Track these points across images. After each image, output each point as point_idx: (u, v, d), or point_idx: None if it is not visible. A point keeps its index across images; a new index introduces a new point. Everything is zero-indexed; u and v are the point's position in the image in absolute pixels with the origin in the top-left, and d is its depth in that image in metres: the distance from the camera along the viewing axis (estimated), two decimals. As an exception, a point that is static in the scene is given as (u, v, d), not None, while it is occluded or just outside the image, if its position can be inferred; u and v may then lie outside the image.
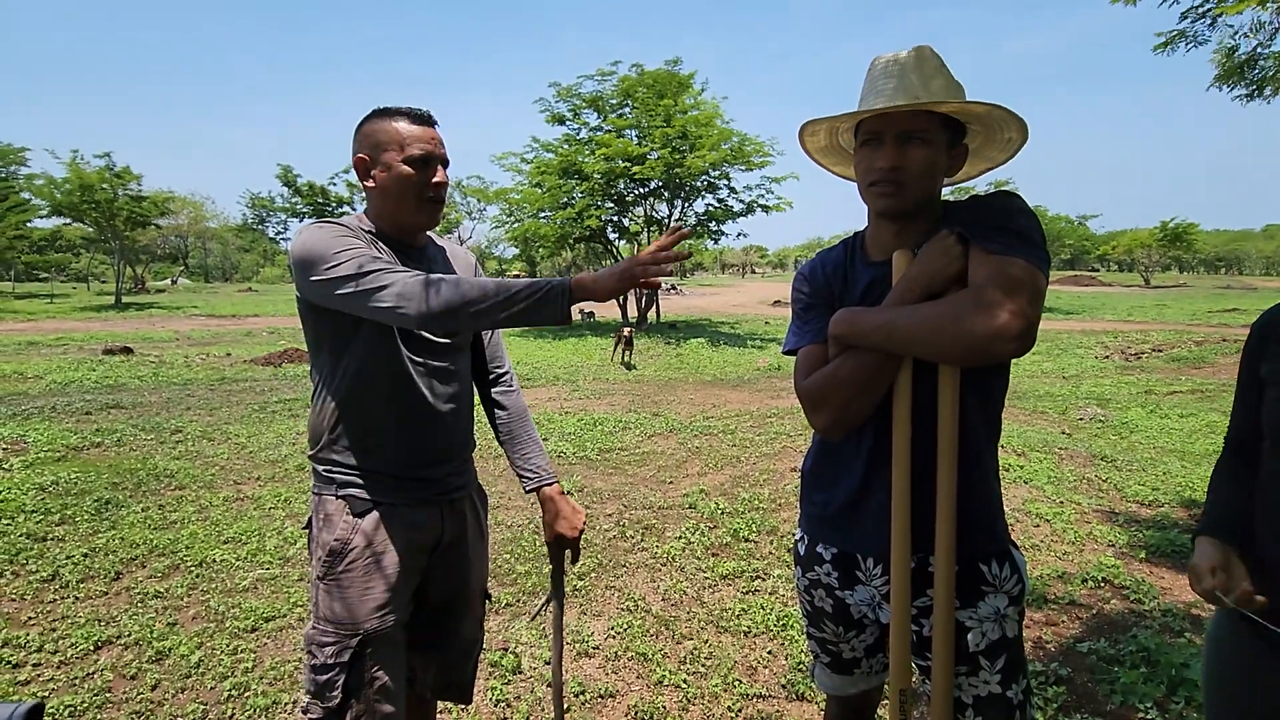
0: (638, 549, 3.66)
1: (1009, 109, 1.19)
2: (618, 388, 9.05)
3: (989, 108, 1.19)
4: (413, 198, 1.42)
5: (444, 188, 1.45)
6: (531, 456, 1.65)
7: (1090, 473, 4.96)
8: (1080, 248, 55.05)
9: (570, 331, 16.37)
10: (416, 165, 1.40)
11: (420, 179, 1.41)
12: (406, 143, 1.40)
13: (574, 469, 5.15)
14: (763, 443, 5.89)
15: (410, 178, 1.40)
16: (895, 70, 1.20)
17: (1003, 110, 1.20)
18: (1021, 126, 1.25)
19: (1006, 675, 1.23)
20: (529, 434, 1.68)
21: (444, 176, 1.44)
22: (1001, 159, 1.36)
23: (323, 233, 1.34)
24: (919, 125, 1.18)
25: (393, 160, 1.40)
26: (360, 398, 1.42)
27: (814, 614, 1.42)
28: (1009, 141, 1.31)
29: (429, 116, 1.45)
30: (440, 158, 1.44)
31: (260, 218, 24.54)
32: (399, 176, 1.40)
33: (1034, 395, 8.20)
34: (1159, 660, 2.43)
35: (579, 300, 1.21)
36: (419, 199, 1.42)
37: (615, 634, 2.78)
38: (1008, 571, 1.26)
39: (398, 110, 1.43)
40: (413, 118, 1.42)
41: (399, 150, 1.40)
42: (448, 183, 1.47)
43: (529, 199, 16.49)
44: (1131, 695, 2.27)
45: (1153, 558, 3.47)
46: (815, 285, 1.36)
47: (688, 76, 15.84)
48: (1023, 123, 1.24)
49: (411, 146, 1.39)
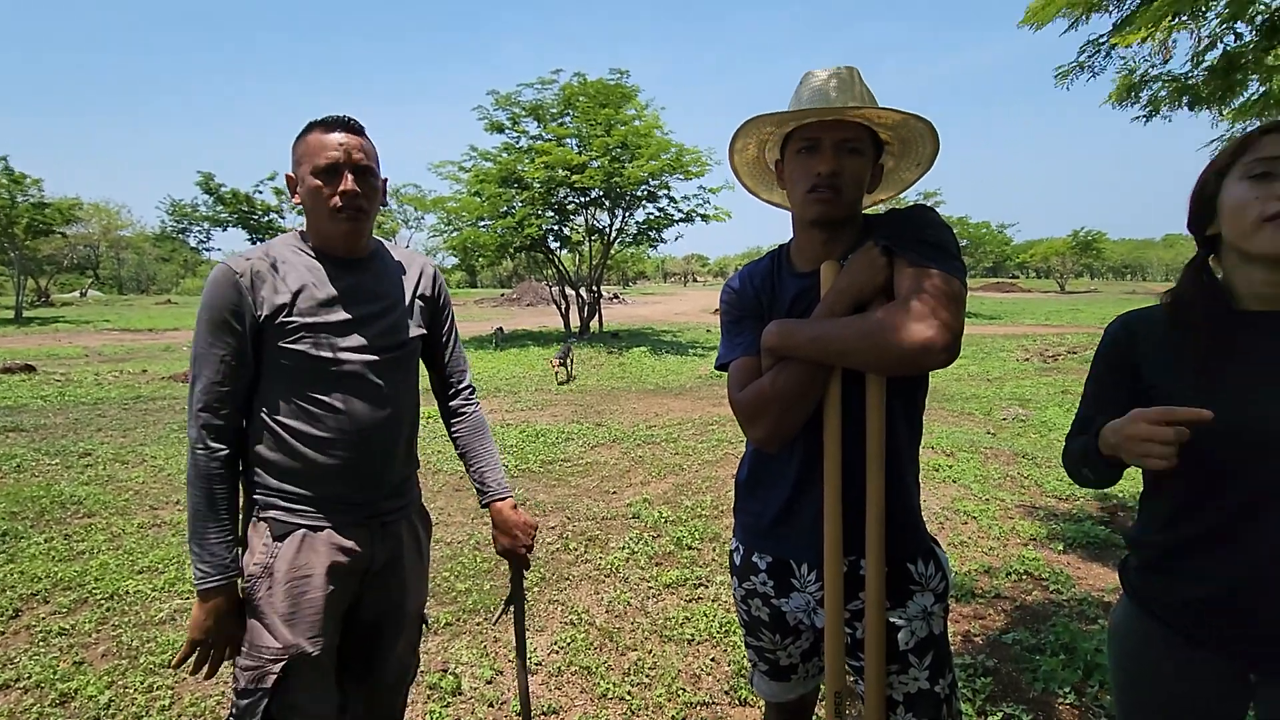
0: (581, 561, 3.63)
1: (936, 131, 1.25)
2: (560, 399, 8.99)
3: (928, 125, 1.24)
4: (323, 210, 1.37)
5: (356, 196, 1.37)
6: (486, 471, 1.66)
7: (1013, 470, 5.22)
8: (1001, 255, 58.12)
9: (511, 343, 16.17)
10: (322, 175, 1.35)
11: (327, 189, 1.36)
12: (314, 153, 1.36)
13: (517, 482, 5.08)
14: (705, 450, 5.95)
15: (318, 189, 1.36)
16: (835, 83, 1.24)
17: (931, 130, 1.26)
18: (933, 153, 1.32)
19: (934, 671, 1.28)
20: (485, 448, 1.68)
21: (353, 185, 1.37)
22: (911, 179, 1.42)
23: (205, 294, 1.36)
24: (855, 135, 1.22)
25: (305, 174, 1.36)
26: (281, 418, 1.36)
27: (751, 623, 1.43)
28: (918, 165, 1.37)
29: (344, 122, 1.39)
30: (353, 165, 1.37)
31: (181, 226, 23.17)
32: (309, 189, 1.37)
33: (961, 397, 8.57)
34: (1076, 647, 2.56)
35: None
36: (329, 210, 1.37)
37: (559, 648, 2.74)
38: (933, 569, 1.31)
39: (318, 121, 1.40)
40: (326, 126, 1.37)
41: (309, 162, 1.36)
42: (363, 191, 1.39)
43: (467, 207, 16.20)
44: (1052, 682, 2.39)
45: (1069, 549, 3.67)
46: (744, 297, 1.38)
47: (632, 89, 15.95)
48: (936, 147, 1.30)
49: (318, 156, 1.35)
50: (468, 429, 1.69)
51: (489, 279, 77.27)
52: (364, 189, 1.39)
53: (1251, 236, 1.02)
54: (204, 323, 1.35)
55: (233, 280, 1.33)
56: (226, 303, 1.33)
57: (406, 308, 1.50)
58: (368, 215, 1.43)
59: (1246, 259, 1.06)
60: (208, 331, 1.34)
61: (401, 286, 1.52)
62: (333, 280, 1.40)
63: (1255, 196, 1.01)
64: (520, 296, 36.90)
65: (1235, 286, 1.09)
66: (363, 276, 1.45)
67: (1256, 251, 1.02)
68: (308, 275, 1.39)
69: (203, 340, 1.34)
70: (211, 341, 1.34)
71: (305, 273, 1.39)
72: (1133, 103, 5.80)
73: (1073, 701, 2.30)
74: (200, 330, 1.35)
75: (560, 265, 18.16)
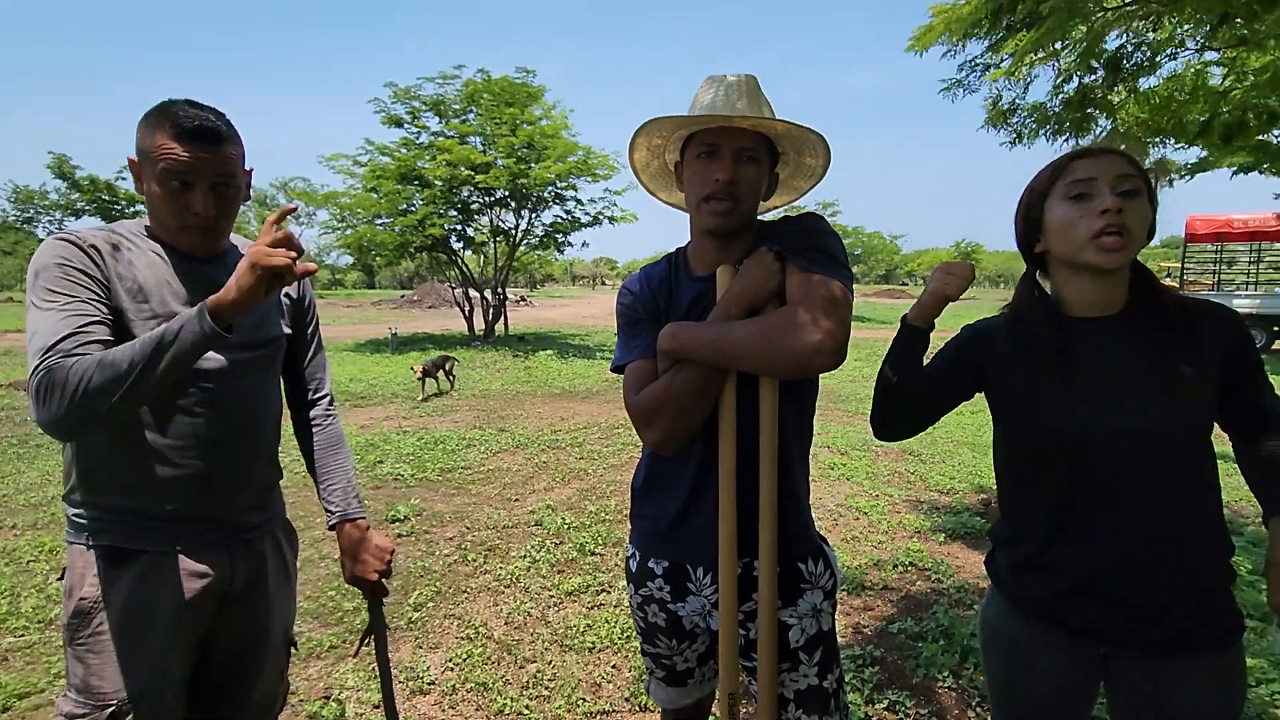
0: (480, 572, 3.50)
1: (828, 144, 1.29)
2: (462, 404, 8.70)
3: (820, 138, 1.27)
4: (170, 221, 1.22)
5: (209, 216, 1.22)
6: (336, 488, 1.49)
7: (901, 467, 5.53)
8: (892, 263, 62.18)
9: (411, 346, 15.53)
10: (168, 186, 1.18)
11: (175, 204, 1.20)
12: (161, 158, 1.17)
13: (413, 492, 4.85)
14: (610, 454, 5.93)
15: (164, 198, 1.19)
16: (735, 91, 1.24)
17: (824, 143, 1.29)
18: (825, 164, 1.36)
19: (823, 667, 1.30)
20: (339, 464, 1.52)
21: (205, 207, 1.20)
22: (804, 189, 1.46)
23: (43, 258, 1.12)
24: (753, 144, 1.24)
25: (149, 175, 1.19)
26: (118, 428, 1.20)
27: (648, 630, 1.41)
28: (810, 176, 1.42)
29: (204, 133, 1.17)
30: (211, 180, 1.20)
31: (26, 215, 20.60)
32: (152, 195, 1.20)
33: (855, 398, 9.02)
34: (954, 633, 2.72)
35: (226, 311, 1.07)
36: (177, 224, 1.22)
37: (453, 665, 2.62)
38: (822, 567, 1.33)
39: (172, 112, 1.18)
40: (180, 131, 1.16)
41: (154, 164, 1.18)
42: (219, 211, 1.23)
43: (363, 204, 15.38)
44: (932, 667, 2.52)
45: (949, 540, 3.92)
46: (641, 300, 1.37)
47: (539, 88, 15.71)
48: (827, 160, 1.34)
49: (169, 163, 1.16)
50: (323, 441, 1.53)
51: (388, 279, 74.03)
52: (220, 207, 1.23)
53: (1081, 251, 1.12)
54: (51, 273, 1.11)
55: (83, 246, 1.16)
56: (78, 259, 1.14)
57: (270, 306, 1.38)
58: (223, 230, 1.29)
59: (1075, 271, 1.16)
60: (59, 276, 1.11)
61: None
62: (182, 273, 1.26)
63: (1079, 216, 1.12)
64: (422, 298, 35.57)
65: (1065, 297, 1.20)
66: (217, 271, 1.31)
67: (1085, 263, 1.13)
68: (157, 263, 1.24)
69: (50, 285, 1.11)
70: (64, 283, 1.11)
71: (155, 260, 1.24)
72: (1003, 128, 6.34)
73: (951, 684, 2.43)
74: (44, 282, 1.11)
75: (464, 267, 17.63)
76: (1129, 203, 1.09)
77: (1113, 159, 1.12)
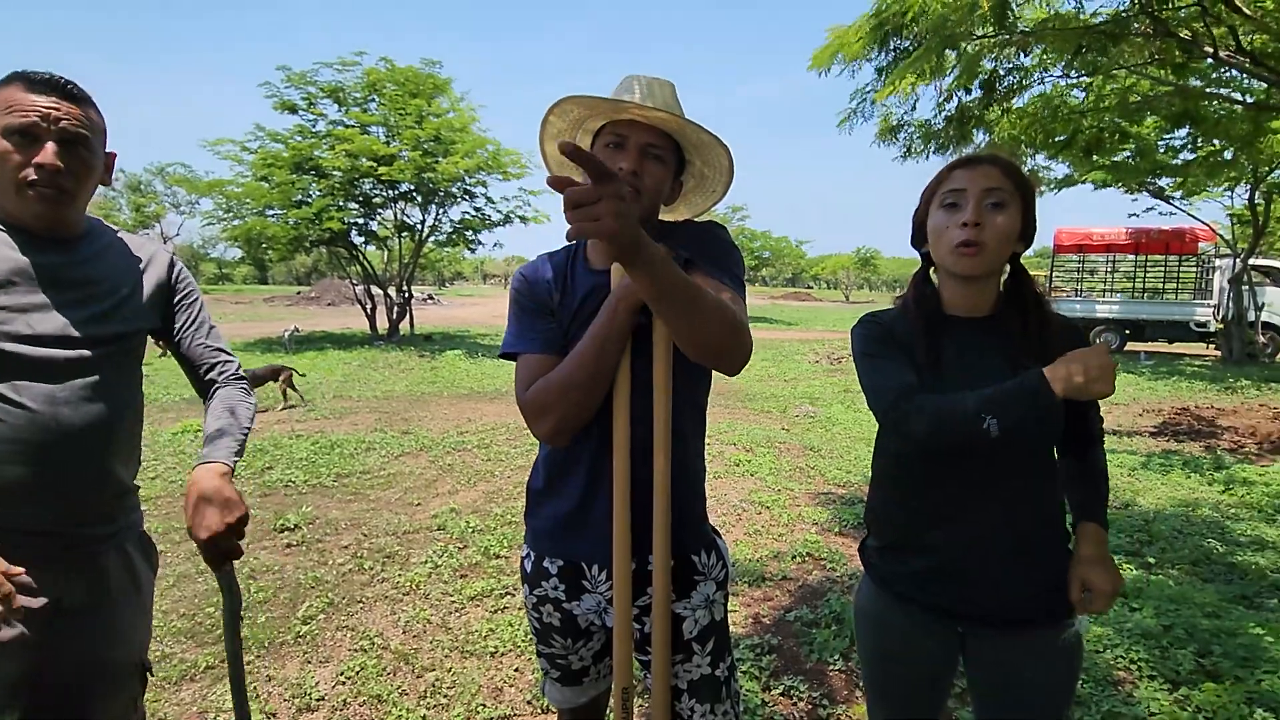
0: (377, 580, 3.35)
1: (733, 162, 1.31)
2: (363, 405, 8.31)
3: (726, 152, 1.29)
4: (10, 180, 1.12)
5: (56, 173, 1.14)
6: (209, 439, 1.31)
7: (802, 462, 5.75)
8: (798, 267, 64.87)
9: (309, 345, 14.69)
10: (14, 138, 1.11)
11: (19, 156, 1.11)
12: (9, 110, 1.11)
13: (305, 499, 4.58)
14: (518, 455, 5.84)
15: (6, 153, 1.11)
16: (654, 88, 1.25)
17: (729, 160, 1.31)
18: (727, 184, 1.39)
19: (715, 656, 1.33)
20: (224, 419, 1.34)
21: (54, 158, 1.12)
22: (703, 206, 1.49)
23: None
24: (660, 142, 1.25)
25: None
26: None
27: (543, 630, 1.40)
28: (712, 193, 1.44)
29: (58, 85, 1.15)
30: (59, 133, 1.13)
31: None
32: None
33: (761, 397, 9.31)
34: (845, 618, 2.86)
35: None
36: (16, 182, 1.12)
37: (345, 679, 2.49)
38: (714, 559, 1.36)
39: (22, 74, 1.14)
40: (30, 83, 1.14)
41: (2, 119, 1.11)
42: (67, 167, 1.15)
43: (252, 194, 14.34)
44: (825, 651, 2.64)
45: (844, 530, 4.12)
46: (536, 289, 1.34)
47: (445, 80, 15.22)
48: (730, 180, 1.38)
49: (12, 114, 1.10)
50: (214, 403, 1.38)
51: (283, 275, 69.64)
52: (70, 164, 1.15)
53: (945, 258, 1.21)
54: None
55: None
56: None
57: (126, 297, 1.26)
58: (72, 196, 1.18)
59: (946, 273, 1.26)
60: None
61: (121, 274, 1.28)
62: (23, 256, 1.14)
63: (947, 225, 1.20)
64: (320, 295, 33.70)
65: (944, 295, 1.29)
66: (65, 258, 1.20)
67: (948, 269, 1.22)
68: None
69: None
70: None
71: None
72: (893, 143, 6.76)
73: (840, 667, 2.55)
74: None
75: (366, 263, 16.85)
76: (993, 215, 1.16)
77: (988, 170, 1.18)
